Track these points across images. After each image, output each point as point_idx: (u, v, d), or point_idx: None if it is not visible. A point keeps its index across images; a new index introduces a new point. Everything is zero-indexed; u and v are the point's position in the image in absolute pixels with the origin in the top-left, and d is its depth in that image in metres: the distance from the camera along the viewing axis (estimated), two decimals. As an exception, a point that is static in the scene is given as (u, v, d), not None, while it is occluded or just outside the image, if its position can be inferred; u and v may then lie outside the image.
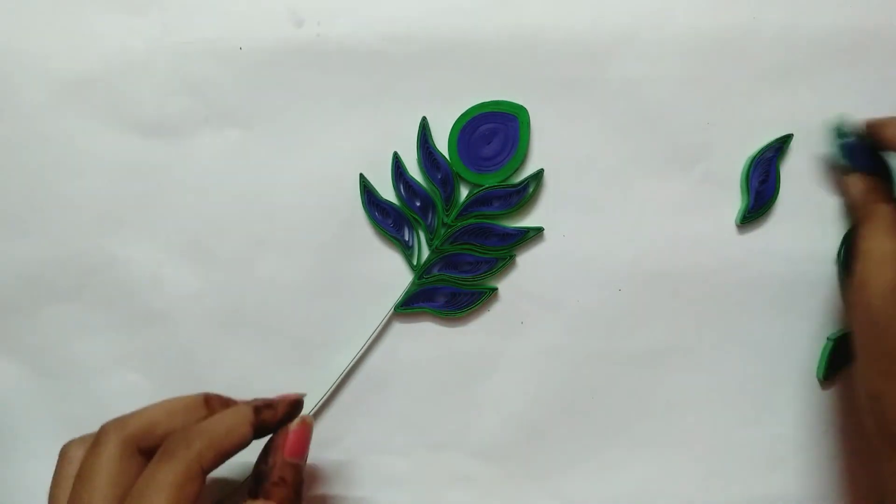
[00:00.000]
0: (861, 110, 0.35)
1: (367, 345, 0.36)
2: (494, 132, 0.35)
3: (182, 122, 0.36)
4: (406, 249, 0.36)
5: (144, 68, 0.35)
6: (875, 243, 0.31)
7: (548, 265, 0.36)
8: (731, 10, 0.35)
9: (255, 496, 0.28)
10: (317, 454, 0.36)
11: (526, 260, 0.36)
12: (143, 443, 0.27)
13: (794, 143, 0.36)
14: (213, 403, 0.30)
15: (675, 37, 0.35)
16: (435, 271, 0.36)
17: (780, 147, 0.35)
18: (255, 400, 0.30)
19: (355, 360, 0.36)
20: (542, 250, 0.36)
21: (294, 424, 0.30)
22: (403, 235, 0.36)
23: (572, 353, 0.34)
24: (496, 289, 0.36)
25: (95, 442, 0.27)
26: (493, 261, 0.35)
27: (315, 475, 0.36)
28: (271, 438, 0.29)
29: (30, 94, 0.36)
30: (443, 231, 0.35)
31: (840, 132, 0.34)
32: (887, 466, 0.30)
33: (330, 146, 0.36)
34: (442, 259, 0.36)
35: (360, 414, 0.36)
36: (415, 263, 0.36)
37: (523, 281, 0.36)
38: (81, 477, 0.27)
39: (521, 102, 0.35)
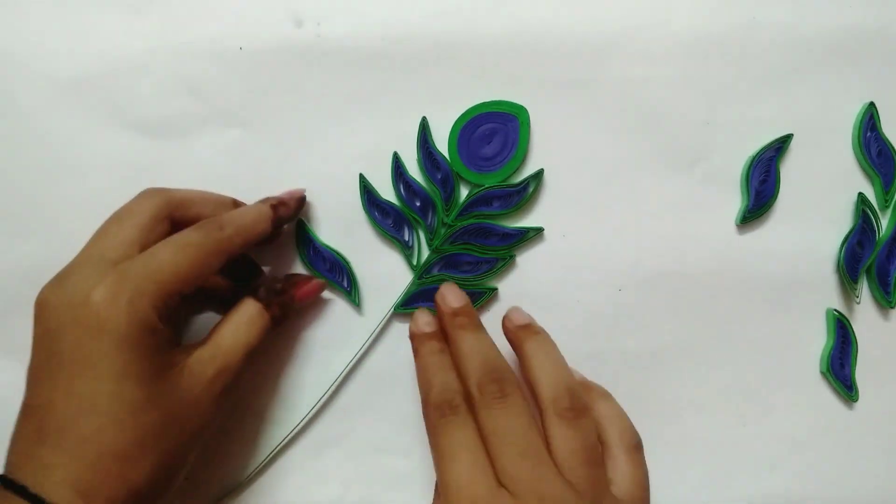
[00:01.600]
0: (857, 111, 0.35)
1: (366, 345, 0.36)
2: (494, 132, 0.35)
3: (182, 122, 0.36)
4: (406, 249, 0.36)
5: (144, 68, 0.35)
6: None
7: (548, 265, 0.36)
8: (731, 11, 0.35)
9: (259, 300, 0.31)
10: (317, 454, 0.36)
11: (526, 260, 0.36)
12: (176, 212, 0.30)
13: (793, 143, 0.36)
14: (239, 205, 0.33)
15: (675, 37, 0.35)
16: (435, 271, 0.36)
17: (780, 147, 0.35)
18: (268, 199, 0.33)
19: (355, 359, 0.36)
20: (542, 250, 0.36)
21: (316, 279, 0.34)
22: (403, 235, 0.36)
23: (572, 353, 0.34)
24: (496, 289, 0.36)
25: (138, 195, 0.30)
26: (493, 261, 0.35)
27: (315, 475, 0.36)
28: (296, 275, 0.34)
29: (30, 94, 0.36)
30: (443, 231, 0.35)
31: None
32: None
33: (330, 146, 0.36)
34: (442, 259, 0.36)
35: (360, 414, 0.36)
36: (415, 263, 0.36)
37: (523, 281, 0.36)
38: (116, 216, 0.29)
39: (521, 102, 0.35)
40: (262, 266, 0.36)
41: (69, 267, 0.28)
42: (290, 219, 0.34)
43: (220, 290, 0.34)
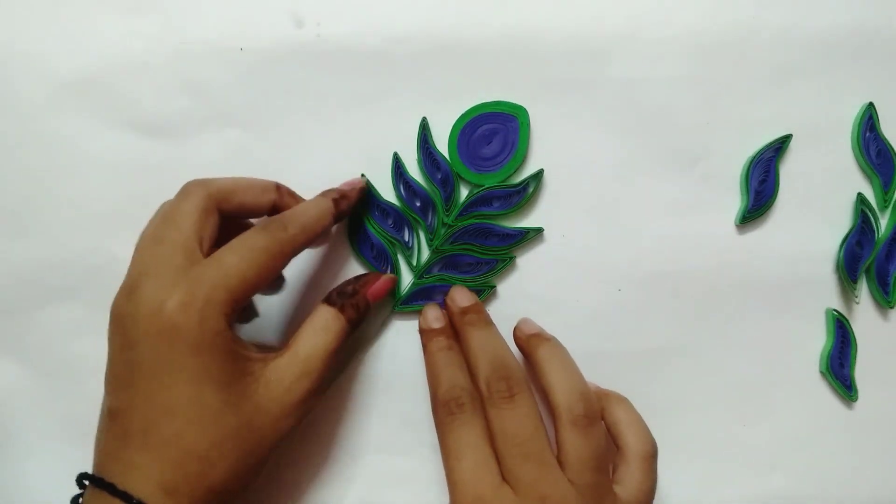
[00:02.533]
0: (857, 112, 0.35)
1: (365, 343, 0.36)
2: (494, 132, 0.35)
3: (182, 122, 0.36)
4: (406, 250, 0.36)
5: (144, 68, 0.35)
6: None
7: (548, 265, 0.36)
8: (731, 10, 0.35)
9: (332, 304, 0.31)
10: (317, 454, 0.36)
11: (526, 260, 0.36)
12: (223, 203, 0.30)
13: (793, 143, 0.36)
14: (282, 190, 0.32)
15: (675, 37, 0.35)
16: (435, 271, 0.36)
17: (779, 147, 0.35)
18: (329, 192, 0.33)
19: (354, 359, 0.36)
20: (542, 250, 0.36)
21: (386, 275, 0.34)
22: (403, 236, 0.36)
23: (572, 353, 0.34)
24: (494, 286, 0.36)
25: (181, 192, 0.29)
26: (493, 262, 0.35)
27: (315, 474, 0.36)
28: (365, 274, 0.33)
29: (30, 94, 0.36)
30: (443, 231, 0.35)
31: None
32: None
33: (330, 146, 0.36)
34: (442, 259, 0.36)
35: (360, 414, 0.36)
36: (414, 264, 0.36)
37: (523, 281, 0.36)
38: (167, 218, 0.29)
39: (521, 102, 0.35)
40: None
41: (135, 276, 0.28)
42: (349, 212, 0.33)
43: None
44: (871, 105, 0.35)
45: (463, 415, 0.29)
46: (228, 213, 0.30)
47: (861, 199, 0.36)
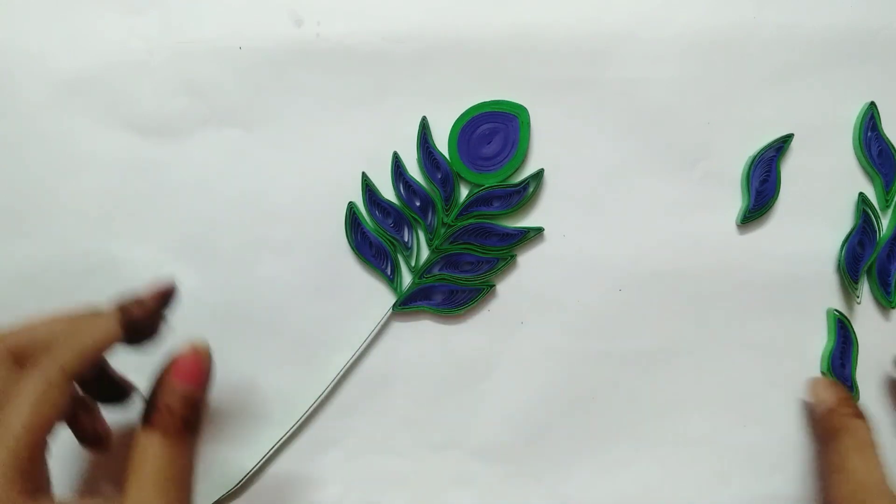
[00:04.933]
0: (859, 111, 0.35)
1: (366, 344, 0.36)
2: (494, 132, 0.35)
3: (182, 122, 0.36)
4: (405, 250, 0.36)
5: (144, 68, 0.35)
6: (859, 463, 0.31)
7: (548, 265, 0.36)
8: (731, 10, 0.35)
9: (143, 425, 0.25)
10: (317, 454, 0.36)
11: (526, 260, 0.36)
12: (22, 353, 0.26)
13: (794, 143, 0.36)
14: (77, 313, 0.28)
15: (675, 37, 0.35)
16: (436, 271, 0.36)
17: (780, 147, 0.35)
18: (121, 299, 0.28)
19: (354, 359, 0.36)
20: (542, 250, 0.36)
21: (182, 351, 0.27)
22: (403, 235, 0.36)
23: (572, 353, 0.34)
24: (494, 285, 0.36)
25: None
26: (493, 261, 0.35)
27: (315, 475, 0.36)
28: (160, 367, 0.27)
29: (30, 93, 0.36)
30: (443, 231, 0.35)
31: None
32: None
33: (330, 146, 0.36)
34: (442, 259, 0.35)
35: (360, 414, 0.36)
36: (413, 264, 0.36)
37: (523, 281, 0.36)
38: None
39: (521, 102, 0.35)
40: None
41: None
42: (149, 318, 0.28)
43: (92, 421, 0.31)
44: (872, 104, 0.35)
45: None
46: (28, 356, 0.26)
47: (863, 198, 0.35)
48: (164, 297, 0.29)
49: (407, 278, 0.36)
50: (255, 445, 0.36)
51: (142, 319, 0.28)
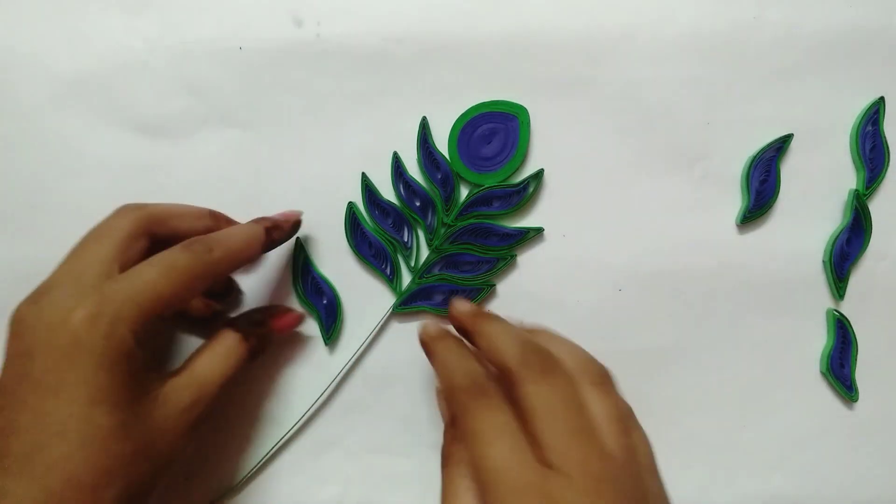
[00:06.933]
0: (860, 110, 0.35)
1: (365, 344, 0.36)
2: (494, 132, 0.35)
3: (182, 122, 0.36)
4: (405, 250, 0.36)
5: (144, 68, 0.35)
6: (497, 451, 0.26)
7: (548, 265, 0.36)
8: (731, 10, 0.35)
9: (237, 330, 0.31)
10: (317, 454, 0.36)
11: (526, 260, 0.36)
12: (153, 227, 0.29)
13: (794, 143, 0.36)
14: (218, 217, 0.32)
15: (675, 37, 0.35)
16: (436, 271, 0.36)
17: (780, 147, 0.35)
18: (262, 219, 0.32)
19: (354, 359, 0.36)
20: (542, 250, 0.36)
21: (296, 311, 0.34)
22: (403, 236, 0.36)
23: (572, 353, 0.34)
24: (494, 285, 0.36)
25: (114, 212, 0.29)
26: (493, 261, 0.35)
27: (315, 475, 0.36)
28: (276, 306, 0.34)
29: (29, 93, 0.36)
30: (443, 231, 0.35)
31: None
32: None
33: (330, 146, 0.36)
34: (442, 259, 0.35)
35: (360, 414, 0.36)
36: (413, 264, 0.36)
37: (523, 281, 0.36)
38: (93, 234, 0.28)
39: (521, 102, 0.35)
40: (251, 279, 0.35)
41: (46, 284, 0.27)
42: (282, 242, 0.33)
43: (193, 309, 0.34)
44: (881, 99, 0.35)
45: (487, 399, 0.26)
46: (161, 238, 0.29)
47: (857, 195, 0.35)
48: (296, 226, 0.33)
49: (407, 278, 0.36)
50: (255, 445, 0.36)
51: (278, 242, 0.32)
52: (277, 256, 0.36)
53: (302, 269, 0.36)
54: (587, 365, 0.28)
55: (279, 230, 0.32)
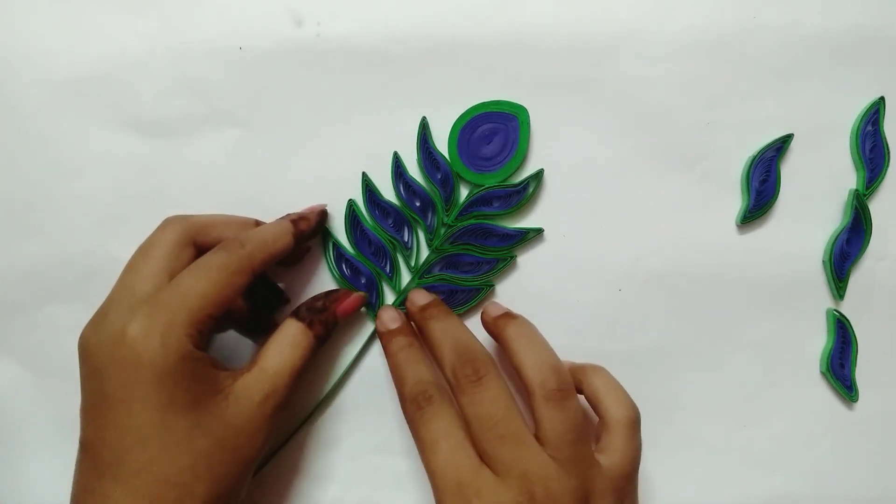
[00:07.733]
0: (860, 110, 0.35)
1: (365, 344, 0.36)
2: (494, 132, 0.35)
3: (182, 122, 0.36)
4: (405, 250, 0.36)
5: (144, 68, 0.35)
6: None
7: (548, 265, 0.36)
8: (731, 11, 0.35)
9: (301, 319, 0.31)
10: (317, 454, 0.36)
11: (526, 260, 0.36)
12: (199, 237, 0.30)
13: (794, 143, 0.36)
14: (260, 223, 0.33)
15: (675, 37, 0.35)
16: (436, 271, 0.36)
17: (780, 147, 0.35)
18: (290, 214, 0.33)
19: (354, 359, 0.36)
20: (542, 250, 0.36)
21: (357, 292, 0.34)
22: (403, 236, 0.36)
23: (572, 353, 0.34)
24: (493, 286, 0.36)
25: (159, 226, 0.31)
26: (493, 261, 0.35)
27: (315, 475, 0.36)
28: (336, 290, 0.34)
29: (30, 93, 0.36)
30: (443, 231, 0.35)
31: None
32: None
33: (330, 146, 0.36)
34: (442, 259, 0.35)
35: (360, 414, 0.36)
36: (413, 264, 0.36)
37: (523, 281, 0.36)
38: (141, 250, 0.30)
39: (521, 102, 0.35)
40: (295, 289, 0.36)
41: (105, 306, 0.28)
42: (311, 234, 0.34)
43: (245, 313, 0.35)
44: (881, 99, 0.35)
45: (432, 407, 0.29)
46: (207, 247, 0.30)
47: (857, 195, 0.35)
48: (323, 219, 0.34)
49: (407, 278, 0.36)
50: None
51: (307, 233, 0.33)
52: (309, 256, 0.36)
53: (335, 255, 0.36)
54: (546, 379, 0.29)
55: (306, 221, 0.33)
